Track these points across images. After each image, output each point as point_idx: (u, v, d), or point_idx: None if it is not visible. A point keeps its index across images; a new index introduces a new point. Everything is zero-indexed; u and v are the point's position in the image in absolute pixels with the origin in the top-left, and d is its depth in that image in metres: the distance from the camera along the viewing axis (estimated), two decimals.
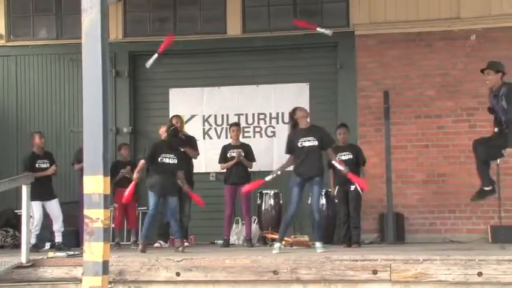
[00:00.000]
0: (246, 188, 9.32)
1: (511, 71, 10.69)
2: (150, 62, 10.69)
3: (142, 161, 9.43)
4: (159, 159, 9.25)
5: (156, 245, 10.36)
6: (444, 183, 10.94)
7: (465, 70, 10.83)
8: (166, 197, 9.24)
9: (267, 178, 8.98)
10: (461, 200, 10.74)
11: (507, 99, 7.84)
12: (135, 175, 9.33)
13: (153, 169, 9.31)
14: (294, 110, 9.02)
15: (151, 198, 9.26)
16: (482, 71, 8.19)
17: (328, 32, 10.32)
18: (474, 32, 11.02)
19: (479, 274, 6.94)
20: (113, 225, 10.41)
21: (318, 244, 8.58)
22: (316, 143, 8.73)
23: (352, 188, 9.58)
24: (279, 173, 8.97)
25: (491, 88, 8.11)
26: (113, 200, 10.38)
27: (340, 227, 9.92)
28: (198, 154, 10.66)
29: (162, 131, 9.83)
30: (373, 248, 9.14)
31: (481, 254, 7.29)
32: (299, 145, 8.74)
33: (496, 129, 8.09)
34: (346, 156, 9.68)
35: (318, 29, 10.37)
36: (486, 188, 8.19)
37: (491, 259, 7.02)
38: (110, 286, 6.96)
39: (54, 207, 10.03)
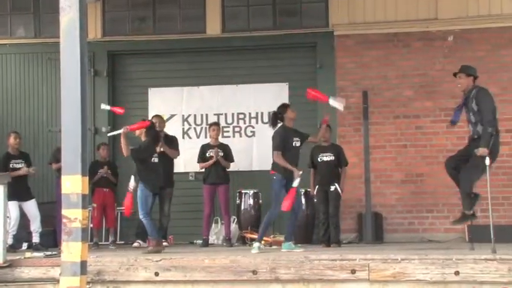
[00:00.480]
0: (286, 205, 8.58)
1: (487, 71, 10.91)
2: (112, 133, 10.22)
3: None
4: (152, 159, 9.24)
5: (135, 244, 10.32)
6: (422, 183, 11.01)
7: (443, 70, 10.91)
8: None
9: (295, 184, 8.66)
10: (439, 199, 10.83)
11: (477, 101, 7.98)
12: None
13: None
14: (287, 107, 9.04)
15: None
16: (454, 74, 8.33)
17: (339, 106, 9.28)
18: (452, 33, 11.11)
19: (457, 273, 7.00)
20: (91, 225, 10.36)
21: None
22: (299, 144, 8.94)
23: (332, 188, 9.63)
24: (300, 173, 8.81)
25: (464, 91, 8.24)
26: (91, 199, 10.33)
27: (319, 227, 9.95)
28: (179, 154, 10.63)
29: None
30: (351, 248, 9.18)
31: (458, 254, 7.36)
32: (294, 145, 8.85)
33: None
34: (328, 157, 9.72)
35: (330, 102, 9.24)
36: (467, 212, 8.17)
37: (469, 258, 7.09)
38: (88, 286, 6.92)
39: (31, 207, 9.95)
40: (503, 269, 6.94)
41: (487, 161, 7.73)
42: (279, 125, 8.99)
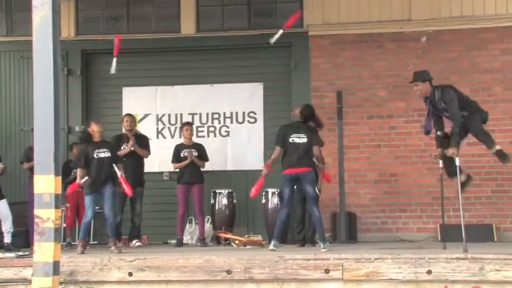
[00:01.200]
0: (253, 192, 8.96)
1: (459, 72, 11.03)
2: (113, 68, 10.48)
3: None
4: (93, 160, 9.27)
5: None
6: (396, 182, 11.08)
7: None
8: None
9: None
10: (412, 199, 10.91)
11: (444, 100, 8.14)
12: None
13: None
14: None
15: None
16: (411, 83, 8.47)
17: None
18: (425, 34, 11.21)
19: (429, 272, 7.07)
20: (64, 225, 10.28)
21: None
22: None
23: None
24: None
25: (425, 96, 8.37)
26: (64, 199, 10.25)
27: (294, 227, 9.97)
28: (149, 153, 10.59)
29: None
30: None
31: (431, 253, 7.43)
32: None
33: (438, 133, 8.34)
34: None
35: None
36: (498, 148, 8.37)
37: (441, 257, 7.16)
38: (60, 287, 6.88)
39: (2, 207, 9.84)
40: (475, 268, 7.02)
41: (457, 161, 7.96)
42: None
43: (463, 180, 8.42)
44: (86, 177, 9.20)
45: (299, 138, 8.93)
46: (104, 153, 9.25)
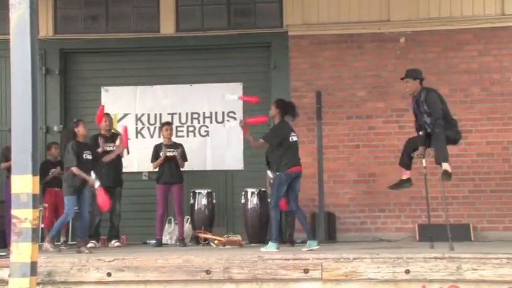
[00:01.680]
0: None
1: (437, 73, 11.11)
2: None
3: None
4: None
5: (90, 245, 10.17)
6: (374, 182, 11.13)
7: (395, 72, 11.02)
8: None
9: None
10: (391, 199, 10.96)
11: (427, 102, 8.22)
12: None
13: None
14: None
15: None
16: (402, 79, 8.52)
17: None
18: (403, 35, 11.28)
19: (407, 272, 7.11)
20: (42, 226, 10.21)
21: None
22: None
23: None
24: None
25: (412, 94, 8.44)
26: (42, 199, 10.19)
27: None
28: (128, 153, 10.55)
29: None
30: (305, 247, 9.23)
31: (409, 252, 7.48)
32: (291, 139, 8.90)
33: (420, 133, 8.41)
34: None
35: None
36: (404, 177, 8.60)
37: (419, 257, 7.20)
38: (38, 287, 6.83)
39: None
40: (452, 267, 7.07)
41: (424, 162, 8.26)
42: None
43: (404, 178, 8.59)
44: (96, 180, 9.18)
45: (296, 137, 8.97)
46: (87, 155, 9.23)
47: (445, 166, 8.17)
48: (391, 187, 8.89)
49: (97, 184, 9.16)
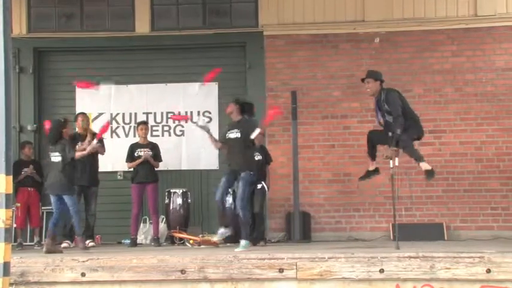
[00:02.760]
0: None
1: (411, 73, 11.21)
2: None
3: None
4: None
5: (64, 245, 10.10)
6: (349, 182, 11.16)
7: None
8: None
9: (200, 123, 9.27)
10: (366, 198, 11.02)
11: (387, 102, 8.38)
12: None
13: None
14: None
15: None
16: (362, 80, 8.65)
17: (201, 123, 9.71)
18: (378, 35, 11.35)
19: (381, 271, 7.15)
20: (15, 225, 10.12)
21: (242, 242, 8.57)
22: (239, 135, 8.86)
23: (259, 186, 9.69)
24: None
25: (373, 95, 8.60)
26: (15, 199, 10.09)
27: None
28: (105, 151, 10.49)
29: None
30: (279, 247, 9.26)
31: (383, 252, 7.52)
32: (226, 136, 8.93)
33: (389, 133, 8.53)
34: (256, 156, 9.72)
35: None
36: (370, 169, 8.78)
37: (393, 256, 7.25)
38: None
39: None
40: (426, 266, 7.13)
41: (391, 163, 8.28)
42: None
43: (371, 169, 8.79)
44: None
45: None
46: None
47: (424, 166, 8.34)
48: (360, 178, 9.04)
49: (95, 141, 9.39)
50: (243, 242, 8.55)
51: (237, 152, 8.77)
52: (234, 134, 8.86)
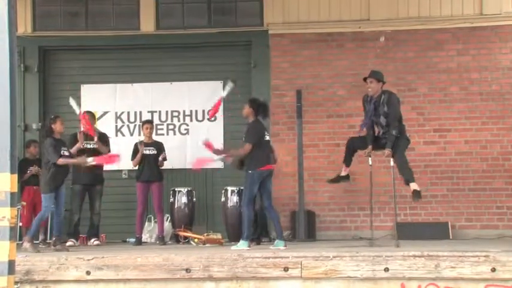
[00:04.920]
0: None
1: (416, 72, 11.19)
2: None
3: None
4: None
5: (69, 243, 10.12)
6: (354, 181, 11.05)
7: None
8: None
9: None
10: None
11: (388, 104, 8.52)
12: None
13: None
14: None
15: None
16: (365, 79, 8.75)
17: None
18: (383, 34, 11.33)
19: (386, 270, 7.15)
20: (21, 224, 10.14)
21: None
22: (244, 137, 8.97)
23: None
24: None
25: (370, 96, 8.72)
26: (20, 198, 10.12)
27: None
28: (109, 151, 10.50)
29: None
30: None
31: (388, 250, 7.51)
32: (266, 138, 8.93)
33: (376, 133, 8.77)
34: None
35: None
36: (342, 174, 9.07)
37: (397, 255, 7.25)
38: (16, 286, 6.79)
39: None
40: (431, 265, 7.13)
41: (392, 162, 8.48)
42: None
43: (343, 175, 9.06)
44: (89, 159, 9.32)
45: (268, 136, 9.04)
46: (64, 152, 9.23)
47: (413, 186, 8.44)
48: (329, 181, 9.31)
49: (90, 159, 9.31)
50: (240, 242, 8.59)
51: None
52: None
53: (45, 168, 9.21)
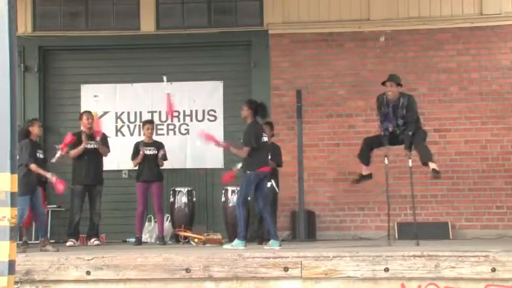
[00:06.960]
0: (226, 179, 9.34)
1: (416, 72, 11.19)
2: (55, 158, 9.78)
3: None
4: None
5: (69, 243, 10.11)
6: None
7: (375, 71, 11.10)
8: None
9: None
10: (370, 197, 11.01)
11: (408, 108, 8.66)
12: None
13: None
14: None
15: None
16: (383, 83, 8.79)
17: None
18: (383, 34, 11.34)
19: (386, 270, 7.14)
20: (21, 224, 10.12)
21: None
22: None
23: (269, 184, 9.67)
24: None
25: (386, 98, 8.77)
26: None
27: (253, 224, 10.00)
28: (109, 151, 10.51)
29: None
30: (284, 245, 9.24)
31: (388, 250, 7.51)
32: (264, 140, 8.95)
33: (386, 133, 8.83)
34: None
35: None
36: (364, 173, 9.10)
37: (397, 255, 7.24)
38: (16, 286, 6.79)
39: None
40: (431, 265, 7.12)
41: (410, 162, 8.63)
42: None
43: (365, 174, 9.16)
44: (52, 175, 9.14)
45: (266, 138, 9.03)
46: (40, 154, 9.20)
47: (432, 165, 8.54)
48: (352, 182, 9.43)
49: (54, 177, 9.11)
50: (236, 241, 8.63)
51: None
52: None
53: (20, 170, 9.11)
